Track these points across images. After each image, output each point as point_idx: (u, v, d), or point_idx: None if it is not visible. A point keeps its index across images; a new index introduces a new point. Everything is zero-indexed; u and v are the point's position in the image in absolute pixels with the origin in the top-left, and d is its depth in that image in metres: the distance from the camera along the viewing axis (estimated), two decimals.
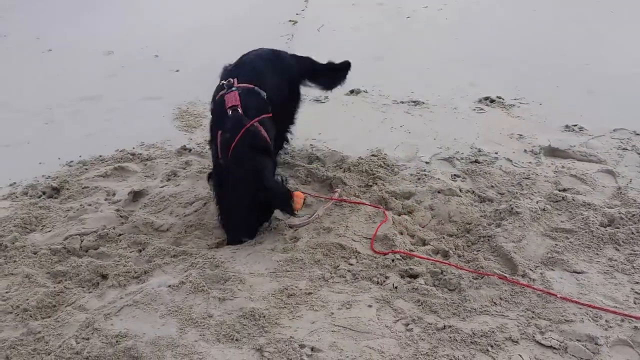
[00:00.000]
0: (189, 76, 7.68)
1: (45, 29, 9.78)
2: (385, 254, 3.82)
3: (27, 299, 3.47)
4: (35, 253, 3.95)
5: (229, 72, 4.45)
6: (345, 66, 5.05)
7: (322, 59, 5.38)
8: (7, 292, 3.56)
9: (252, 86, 4.29)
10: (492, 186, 4.73)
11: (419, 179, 4.85)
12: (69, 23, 10.19)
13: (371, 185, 4.77)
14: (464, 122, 6.10)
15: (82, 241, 4.06)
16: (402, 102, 6.64)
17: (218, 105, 4.24)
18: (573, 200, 4.35)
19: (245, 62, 4.62)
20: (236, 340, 3.15)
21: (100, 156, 5.44)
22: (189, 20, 10.26)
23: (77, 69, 7.98)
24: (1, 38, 9.40)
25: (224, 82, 4.31)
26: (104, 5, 11.34)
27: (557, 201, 4.37)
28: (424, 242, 4.07)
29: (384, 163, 5.12)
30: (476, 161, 5.15)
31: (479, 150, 5.35)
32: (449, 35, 9.09)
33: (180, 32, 9.51)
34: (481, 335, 3.12)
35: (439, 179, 4.82)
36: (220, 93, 4.25)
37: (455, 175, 4.95)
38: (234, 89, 4.22)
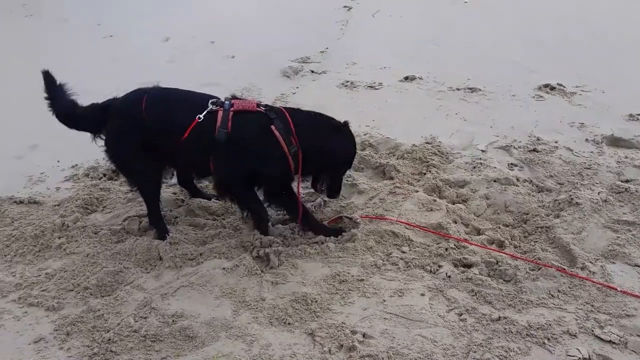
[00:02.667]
0: (244, 62, 7.74)
1: (105, 15, 10.01)
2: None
3: (88, 278, 3.59)
4: (95, 233, 4.07)
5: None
6: None
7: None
8: (68, 271, 3.69)
9: None
10: (551, 176, 4.59)
11: (474, 167, 4.76)
12: (128, 9, 10.39)
13: (425, 173, 4.72)
14: (523, 109, 5.94)
15: (140, 222, 4.16)
16: (458, 89, 6.52)
17: None
18: (636, 191, 4.19)
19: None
20: (288, 323, 3.18)
21: None
22: (244, 7, 10.32)
23: (136, 54, 8.15)
24: (63, 23, 9.67)
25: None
26: None
27: (619, 192, 4.22)
28: (479, 232, 4.00)
29: (439, 151, 5.05)
30: (535, 150, 5.01)
31: (538, 139, 5.20)
32: (507, 21, 8.84)
33: (236, 19, 9.57)
34: (537, 328, 3.05)
35: (495, 167, 4.72)
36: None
37: (512, 164, 4.84)
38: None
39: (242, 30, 9.06)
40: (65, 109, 4.03)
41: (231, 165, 3.84)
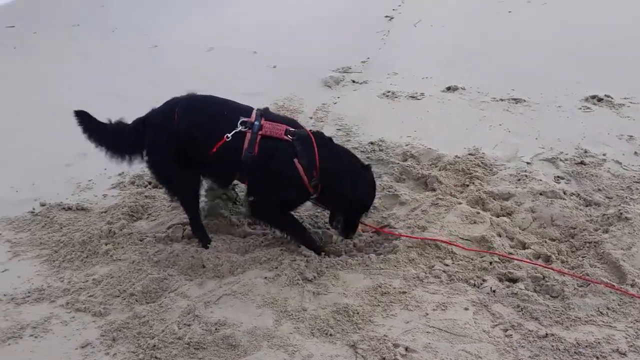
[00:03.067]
0: (285, 72, 7.81)
1: (150, 25, 10.24)
2: None
3: (134, 284, 3.64)
4: (141, 240, 4.14)
5: None
6: None
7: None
8: (114, 277, 3.76)
9: None
10: (600, 189, 4.49)
11: (519, 179, 4.68)
12: (173, 20, 10.60)
13: (468, 185, 4.66)
14: (569, 121, 5.84)
15: (184, 230, 4.21)
16: (502, 100, 6.45)
17: None
18: None
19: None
20: (330, 335, 3.17)
21: None
22: (287, 17, 10.42)
23: (181, 64, 8.29)
24: (110, 32, 9.92)
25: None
26: (205, 2, 11.69)
27: None
28: (524, 246, 3.93)
29: (482, 162, 4.99)
30: (582, 162, 4.91)
31: (585, 151, 5.10)
32: (553, 31, 8.72)
33: (278, 29, 9.67)
34: (586, 346, 2.98)
35: (541, 180, 4.63)
36: None
37: (558, 177, 4.74)
38: None
39: (284, 41, 9.15)
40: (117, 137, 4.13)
41: (262, 191, 3.94)
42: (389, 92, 6.88)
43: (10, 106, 6.90)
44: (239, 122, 3.80)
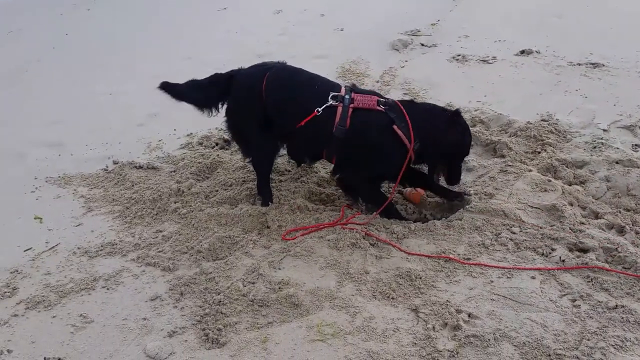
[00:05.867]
0: (353, 35, 7.71)
1: None
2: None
3: (201, 242, 3.74)
4: (207, 199, 4.23)
5: None
6: None
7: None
8: (183, 234, 3.87)
9: None
10: None
11: (594, 147, 4.49)
12: None
13: (539, 152, 4.51)
14: None
15: (250, 191, 4.27)
16: (579, 64, 6.16)
17: None
18: None
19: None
20: (392, 298, 3.16)
21: None
22: None
23: (249, 27, 8.33)
24: None
25: None
26: None
27: None
28: (597, 215, 3.77)
29: (555, 129, 4.80)
30: None
31: None
32: None
33: None
34: None
35: (617, 148, 4.43)
36: None
37: (636, 145, 4.52)
38: None
39: (351, 3, 9.00)
40: (191, 90, 4.20)
41: (355, 166, 3.91)
42: (459, 55, 6.69)
43: (85, 67, 7.15)
44: (330, 96, 3.80)
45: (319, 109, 3.78)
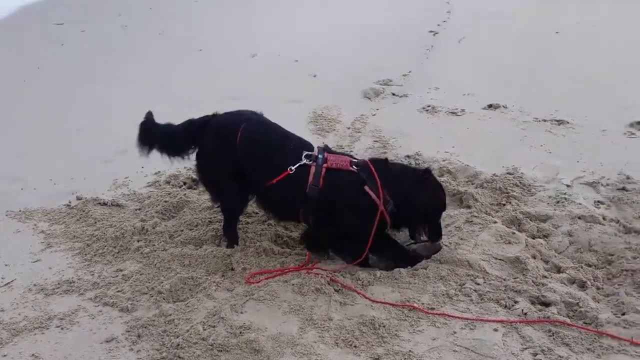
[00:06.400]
0: (326, 82, 7.80)
1: (195, 29, 10.40)
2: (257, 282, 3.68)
3: (162, 282, 3.67)
4: (172, 239, 4.17)
5: None
6: None
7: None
8: (144, 274, 3.79)
9: None
10: None
11: (557, 202, 4.57)
12: (218, 25, 10.73)
13: (504, 204, 4.57)
14: (613, 146, 5.68)
15: (216, 232, 4.22)
16: (545, 120, 6.32)
17: None
18: None
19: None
20: (355, 346, 3.13)
21: None
22: (329, 28, 10.41)
23: (224, 69, 8.39)
24: (157, 34, 10.08)
25: None
26: (249, 10, 11.81)
27: None
28: (559, 270, 3.81)
29: (520, 182, 4.88)
30: (624, 189, 4.76)
31: (628, 178, 4.93)
32: (601, 54, 8.53)
33: (320, 39, 9.66)
34: None
35: (580, 204, 4.51)
36: None
37: (599, 201, 4.61)
38: None
39: (325, 51, 9.16)
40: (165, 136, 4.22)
41: (326, 226, 3.90)
42: (429, 106, 6.82)
43: (55, 102, 7.09)
44: (304, 155, 3.82)
45: (292, 168, 3.79)
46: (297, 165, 3.79)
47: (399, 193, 3.82)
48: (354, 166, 3.84)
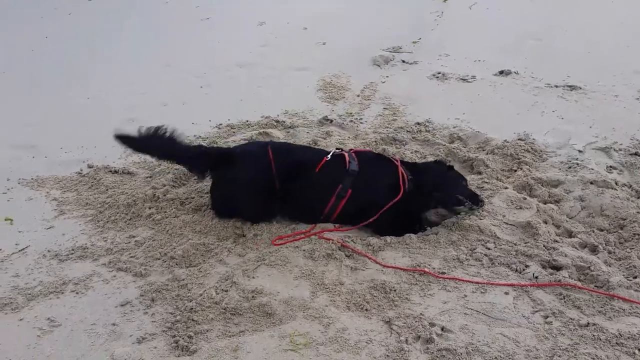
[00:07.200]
0: (335, 50, 7.73)
1: None
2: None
3: (175, 248, 3.69)
4: (183, 206, 4.18)
5: None
6: None
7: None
8: (156, 240, 3.81)
9: None
10: None
11: (569, 167, 4.55)
12: None
13: (515, 170, 4.55)
14: (625, 111, 5.63)
15: None
16: (557, 86, 6.25)
17: None
18: None
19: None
20: (365, 310, 3.15)
21: (247, 121, 5.63)
22: None
23: (232, 37, 8.32)
24: (163, 4, 10.00)
25: None
26: None
27: None
28: (570, 234, 3.81)
29: (532, 148, 4.86)
30: (636, 154, 4.74)
31: None
32: (615, 19, 8.39)
33: (330, 6, 9.56)
34: (628, 337, 2.88)
35: (592, 169, 4.49)
36: None
37: (611, 166, 4.59)
38: None
39: (335, 18, 9.06)
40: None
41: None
42: (439, 73, 6.75)
43: (64, 71, 7.06)
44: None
45: (329, 155, 4.02)
46: (331, 153, 4.03)
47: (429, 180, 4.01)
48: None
